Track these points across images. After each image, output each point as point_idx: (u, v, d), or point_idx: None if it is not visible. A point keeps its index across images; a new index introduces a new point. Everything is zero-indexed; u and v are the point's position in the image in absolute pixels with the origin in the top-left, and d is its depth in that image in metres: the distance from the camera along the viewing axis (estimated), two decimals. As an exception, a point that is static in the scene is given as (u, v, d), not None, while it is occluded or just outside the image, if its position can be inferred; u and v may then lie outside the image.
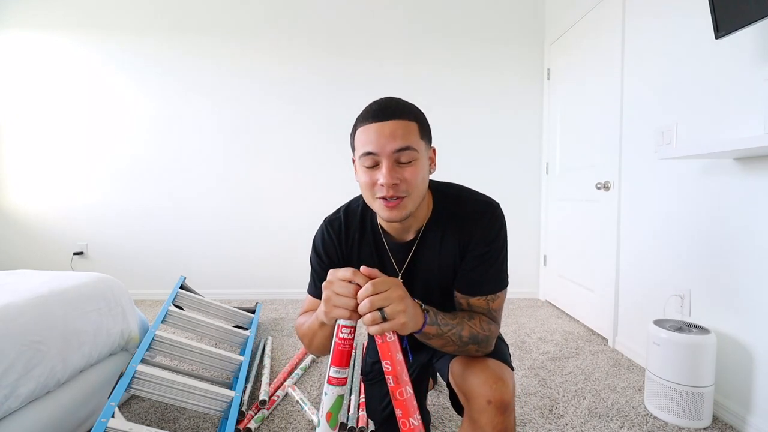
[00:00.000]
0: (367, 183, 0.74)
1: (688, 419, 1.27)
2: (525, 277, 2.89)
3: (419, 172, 0.73)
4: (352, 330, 0.66)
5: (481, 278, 0.80)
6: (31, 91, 2.84)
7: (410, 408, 0.64)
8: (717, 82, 1.36)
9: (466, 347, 0.76)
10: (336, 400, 0.66)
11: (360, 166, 0.75)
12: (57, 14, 2.79)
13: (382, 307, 0.62)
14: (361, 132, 0.74)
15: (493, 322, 0.80)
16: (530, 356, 1.82)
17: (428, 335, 0.71)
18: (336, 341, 0.66)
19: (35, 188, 2.89)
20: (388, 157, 0.71)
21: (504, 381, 0.74)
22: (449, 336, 0.73)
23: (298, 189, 2.88)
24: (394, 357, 0.64)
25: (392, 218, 0.74)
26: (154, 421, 1.29)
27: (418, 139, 0.74)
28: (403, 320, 0.63)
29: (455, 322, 0.74)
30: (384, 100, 0.76)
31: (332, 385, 0.65)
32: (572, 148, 2.46)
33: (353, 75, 2.82)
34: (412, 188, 0.73)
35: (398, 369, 0.64)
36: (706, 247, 1.41)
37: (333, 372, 0.65)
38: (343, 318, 0.65)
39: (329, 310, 0.66)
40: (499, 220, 0.82)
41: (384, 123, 0.71)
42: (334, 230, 0.88)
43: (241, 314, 2.00)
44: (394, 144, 0.70)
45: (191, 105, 2.83)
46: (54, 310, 1.11)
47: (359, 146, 0.74)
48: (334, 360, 0.65)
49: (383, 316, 0.62)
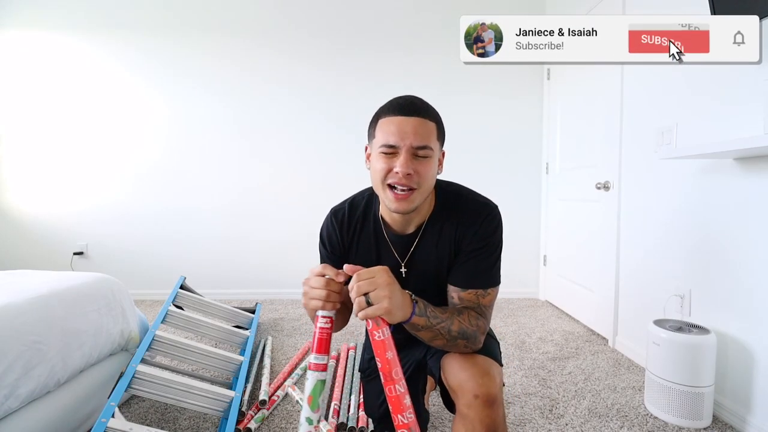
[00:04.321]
0: (382, 169, 0.77)
1: (688, 419, 1.27)
2: (525, 277, 2.89)
3: (431, 170, 0.78)
4: (329, 320, 0.73)
5: (473, 272, 0.83)
6: (30, 91, 2.84)
7: (401, 405, 0.67)
8: (717, 82, 1.36)
9: (455, 342, 0.77)
10: (317, 384, 0.71)
11: (377, 153, 0.79)
12: (54, 13, 2.78)
13: (368, 293, 0.67)
14: (384, 122, 0.78)
15: (481, 317, 0.81)
16: (530, 356, 1.82)
17: (417, 326, 0.74)
18: (315, 331, 0.72)
19: (35, 188, 2.89)
20: (407, 150, 0.75)
21: (490, 375, 0.76)
22: (438, 329, 0.75)
23: (298, 189, 2.87)
24: (384, 355, 0.68)
25: (399, 209, 0.78)
26: (154, 421, 1.29)
27: (434, 140, 0.79)
28: (386, 305, 0.66)
29: (445, 316, 0.76)
30: (410, 96, 0.81)
31: (312, 371, 0.71)
32: (572, 148, 2.46)
33: (353, 75, 2.82)
34: (423, 182, 0.77)
35: (388, 367, 0.67)
36: (706, 247, 1.41)
37: (314, 358, 0.71)
38: (318, 308, 0.72)
39: (307, 302, 0.74)
40: (495, 220, 0.85)
41: (408, 118, 0.76)
42: (337, 220, 0.92)
43: (241, 314, 2.00)
44: (415, 139, 0.75)
45: (192, 105, 2.83)
46: (54, 310, 1.11)
47: (381, 135, 0.78)
48: (315, 347, 0.72)
49: (368, 301, 0.67)
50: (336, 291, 0.73)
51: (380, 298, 0.66)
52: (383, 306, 0.66)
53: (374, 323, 0.68)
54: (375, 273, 0.68)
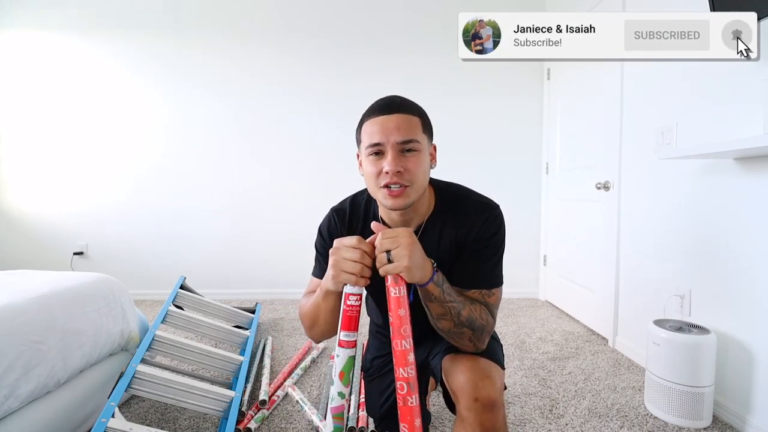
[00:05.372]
0: (372, 172, 0.77)
1: (688, 419, 1.27)
2: (525, 277, 2.89)
3: (421, 164, 0.77)
4: (359, 297, 0.72)
5: (476, 273, 0.82)
6: (30, 91, 2.84)
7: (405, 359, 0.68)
8: (717, 82, 1.36)
9: (461, 329, 0.77)
10: (348, 360, 0.72)
11: (365, 157, 0.79)
12: (54, 13, 2.79)
13: (390, 250, 0.68)
14: (367, 125, 0.78)
15: (490, 314, 0.81)
16: (530, 356, 1.82)
17: (431, 295, 0.74)
18: (344, 308, 0.71)
19: (36, 188, 2.89)
20: (393, 147, 0.75)
21: (491, 379, 0.75)
22: (449, 307, 0.75)
23: (298, 188, 2.88)
24: (397, 311, 0.69)
25: (395, 206, 0.77)
26: (154, 421, 1.29)
27: (420, 133, 0.78)
28: (405, 263, 0.67)
29: (460, 299, 0.76)
30: (389, 97, 0.81)
31: (343, 348, 0.71)
32: (572, 148, 2.46)
33: (353, 75, 2.82)
34: (414, 178, 0.76)
35: (398, 323, 0.69)
36: (706, 247, 1.41)
37: (343, 336, 0.71)
38: (350, 282, 0.70)
39: (337, 274, 0.71)
40: (498, 220, 0.84)
41: (389, 116, 0.76)
42: (339, 218, 0.92)
43: (241, 314, 2.00)
44: (399, 135, 0.75)
45: (191, 105, 2.83)
46: (54, 310, 1.11)
47: (365, 138, 0.78)
48: (343, 325, 0.71)
49: (388, 258, 0.68)
50: (369, 266, 0.71)
51: (400, 256, 0.68)
52: (403, 264, 0.67)
53: (393, 280, 0.70)
54: (399, 233, 0.69)
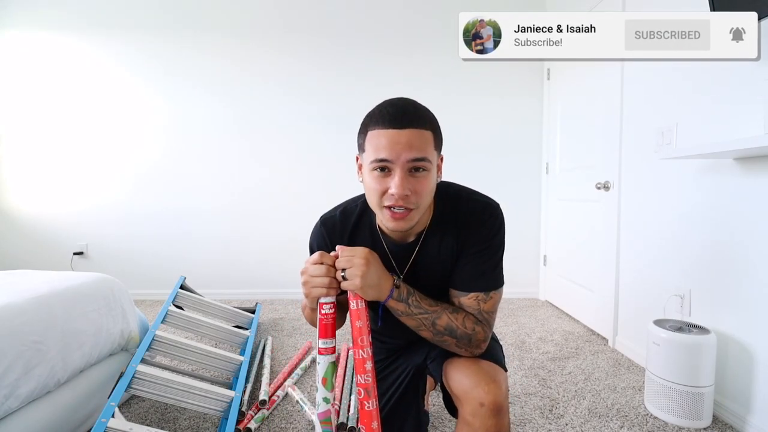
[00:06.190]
0: (376, 190, 0.72)
1: (688, 419, 1.27)
2: (525, 277, 2.89)
3: (429, 184, 0.74)
4: (332, 305, 0.75)
5: (474, 274, 0.79)
6: (30, 91, 2.84)
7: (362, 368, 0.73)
8: (717, 82, 1.36)
9: (441, 337, 0.77)
10: (329, 366, 0.74)
11: (369, 171, 0.73)
12: (54, 13, 2.78)
13: (345, 269, 0.72)
14: (375, 135, 0.71)
15: (480, 323, 0.78)
16: (530, 356, 1.82)
17: (396, 311, 0.76)
18: (320, 317, 0.75)
19: (36, 188, 2.89)
20: (402, 167, 0.69)
21: (497, 383, 0.74)
22: (420, 319, 0.76)
23: (298, 188, 2.88)
24: (355, 323, 0.74)
25: (397, 228, 0.76)
26: (154, 421, 1.29)
27: (432, 150, 0.72)
28: (357, 283, 0.71)
29: (432, 309, 0.76)
30: (401, 103, 0.72)
31: (322, 355, 0.75)
32: (572, 148, 2.46)
33: (353, 75, 2.82)
34: (421, 200, 0.73)
35: (356, 333, 0.73)
36: (706, 246, 1.41)
37: (321, 343, 0.75)
38: (321, 295, 0.74)
39: (308, 292, 0.75)
40: (498, 220, 0.82)
41: (401, 131, 0.69)
42: (327, 229, 0.89)
43: (241, 314, 2.00)
44: (410, 154, 0.69)
45: (191, 105, 2.83)
46: (54, 310, 1.11)
47: (372, 150, 0.71)
48: (320, 333, 0.75)
49: (344, 276, 0.72)
50: (335, 276, 0.74)
51: (353, 275, 0.71)
52: (354, 283, 0.71)
53: (352, 294, 0.74)
54: (355, 252, 0.73)
